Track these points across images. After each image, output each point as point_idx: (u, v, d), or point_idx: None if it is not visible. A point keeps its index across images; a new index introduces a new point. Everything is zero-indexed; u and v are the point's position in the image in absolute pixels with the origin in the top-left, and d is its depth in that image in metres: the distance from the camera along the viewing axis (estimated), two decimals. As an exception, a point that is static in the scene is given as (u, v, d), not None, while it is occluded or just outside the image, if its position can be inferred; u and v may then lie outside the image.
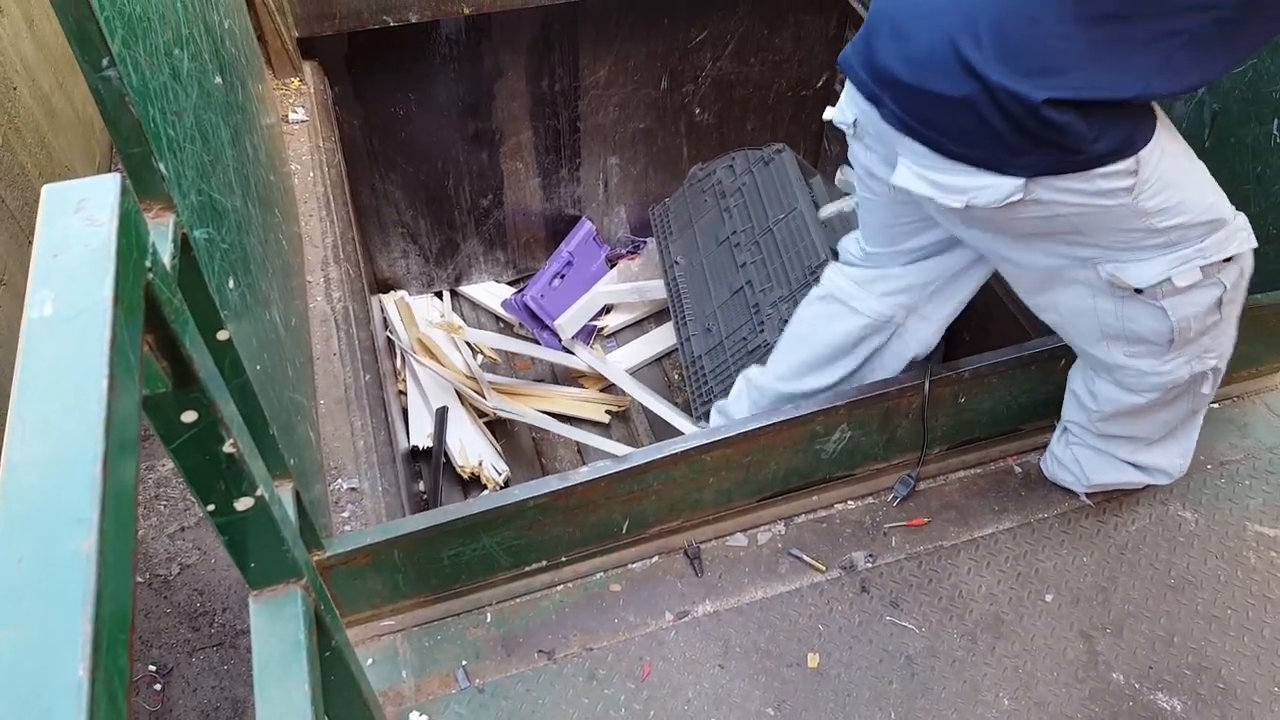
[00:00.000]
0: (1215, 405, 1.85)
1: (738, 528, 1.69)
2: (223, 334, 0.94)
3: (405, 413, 2.74)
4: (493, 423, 2.81)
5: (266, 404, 1.08)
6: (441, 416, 2.68)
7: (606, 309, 3.25)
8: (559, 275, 3.19)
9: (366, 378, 1.88)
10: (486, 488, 2.61)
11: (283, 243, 1.79)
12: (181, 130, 1.05)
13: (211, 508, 0.80)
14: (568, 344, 3.10)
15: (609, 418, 2.91)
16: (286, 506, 1.07)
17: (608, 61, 2.92)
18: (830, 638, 1.54)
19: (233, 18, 1.80)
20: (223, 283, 1.12)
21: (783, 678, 1.50)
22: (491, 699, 1.47)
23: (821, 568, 1.64)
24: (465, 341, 3.07)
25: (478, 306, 3.37)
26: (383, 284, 3.23)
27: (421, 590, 1.53)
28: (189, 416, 0.72)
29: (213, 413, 0.73)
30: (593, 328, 3.22)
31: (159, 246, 0.67)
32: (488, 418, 2.78)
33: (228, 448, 0.75)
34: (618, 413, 2.93)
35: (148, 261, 0.63)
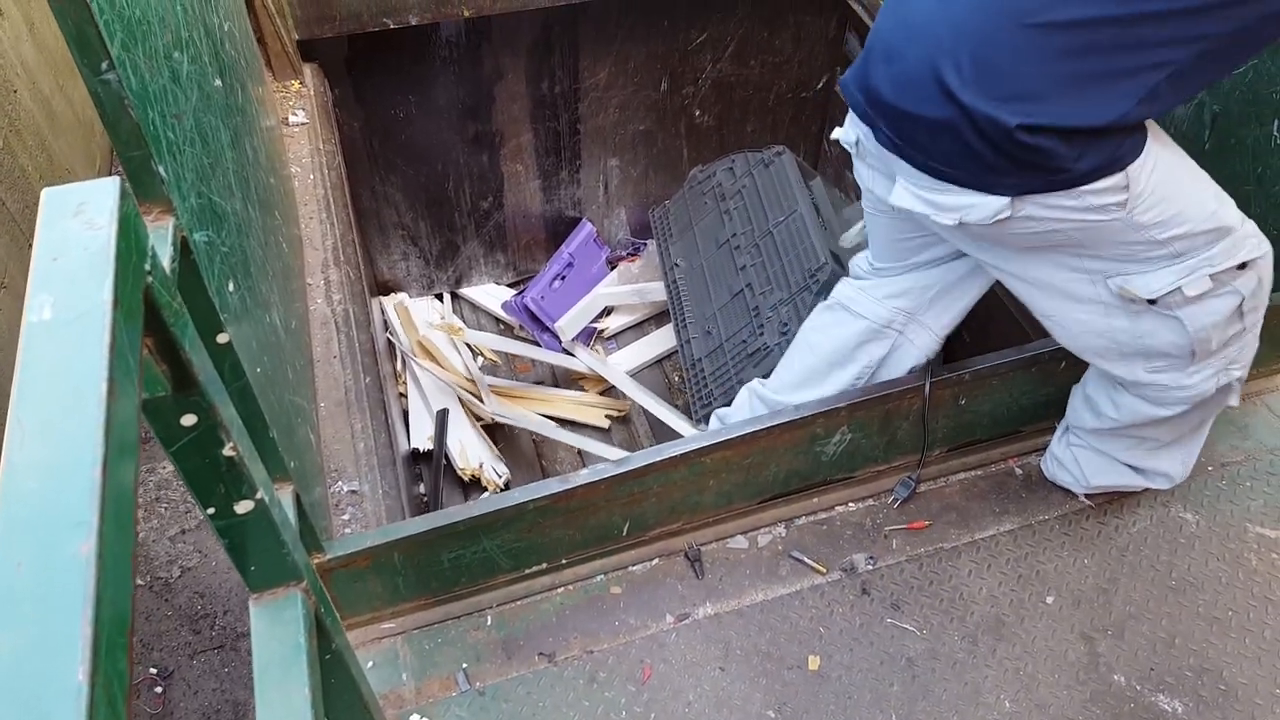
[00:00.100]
0: (1216, 406, 1.85)
1: (738, 530, 1.69)
2: (222, 337, 0.94)
3: (406, 415, 2.74)
4: (491, 426, 2.81)
5: (266, 407, 1.08)
6: (442, 419, 2.68)
7: (607, 311, 3.25)
8: (559, 277, 3.19)
9: (367, 380, 1.88)
10: (487, 490, 2.61)
11: (283, 245, 1.79)
12: (181, 133, 1.05)
13: (211, 511, 0.80)
14: (568, 346, 3.09)
15: (609, 423, 2.90)
16: (287, 509, 1.07)
17: (608, 63, 2.92)
18: (831, 640, 1.54)
19: (232, 20, 1.80)
20: (222, 286, 1.12)
21: (783, 680, 1.50)
22: (492, 701, 1.47)
23: (822, 570, 1.63)
24: (465, 343, 3.06)
25: (478, 308, 3.37)
26: (383, 286, 3.23)
27: (422, 593, 1.53)
28: (189, 420, 0.72)
29: (212, 416, 0.73)
30: (593, 330, 3.22)
31: (159, 250, 0.67)
32: (485, 422, 2.78)
33: (228, 451, 0.75)
34: (618, 417, 2.92)
35: (147, 265, 0.63)
